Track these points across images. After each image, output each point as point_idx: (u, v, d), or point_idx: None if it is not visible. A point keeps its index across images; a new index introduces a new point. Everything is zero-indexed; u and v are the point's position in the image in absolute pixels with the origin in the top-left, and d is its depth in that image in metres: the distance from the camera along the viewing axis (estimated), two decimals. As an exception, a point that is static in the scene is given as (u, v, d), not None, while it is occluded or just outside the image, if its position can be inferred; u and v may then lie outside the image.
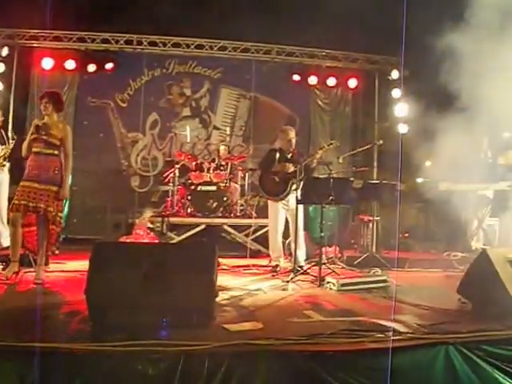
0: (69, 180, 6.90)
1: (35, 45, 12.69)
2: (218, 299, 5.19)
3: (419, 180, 15.74)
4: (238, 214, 10.90)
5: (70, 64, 12.75)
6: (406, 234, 12.57)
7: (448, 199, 11.01)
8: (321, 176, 8.29)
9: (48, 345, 3.77)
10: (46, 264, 7.01)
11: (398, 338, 4.30)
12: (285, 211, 8.21)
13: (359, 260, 8.74)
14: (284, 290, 6.68)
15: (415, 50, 13.44)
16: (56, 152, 6.66)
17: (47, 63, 12.60)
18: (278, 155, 8.20)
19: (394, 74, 13.65)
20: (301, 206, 7.90)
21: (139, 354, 3.67)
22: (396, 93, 13.65)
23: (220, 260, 9.05)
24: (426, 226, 13.76)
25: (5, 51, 12.28)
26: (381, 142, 10.06)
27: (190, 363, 3.63)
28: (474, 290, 5.43)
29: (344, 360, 3.95)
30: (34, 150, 6.60)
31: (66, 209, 12.33)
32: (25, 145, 6.67)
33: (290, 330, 4.51)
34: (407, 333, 4.45)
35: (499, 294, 5.07)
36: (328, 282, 6.76)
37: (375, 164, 13.44)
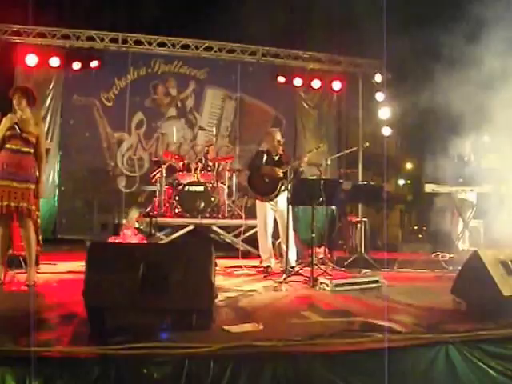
0: (44, 178, 6.70)
1: (18, 40, 12.55)
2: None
3: (403, 182, 15.90)
4: (226, 214, 10.84)
5: (55, 61, 12.61)
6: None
7: (433, 201, 11.11)
8: (311, 177, 8.29)
9: (48, 349, 3.69)
10: (36, 265, 6.89)
11: (398, 337, 4.30)
12: (273, 212, 8.18)
13: (349, 261, 8.74)
14: (277, 290, 6.64)
15: (398, 54, 13.66)
16: (32, 150, 6.40)
17: (31, 60, 12.49)
18: (265, 157, 8.17)
19: (378, 78, 13.73)
20: (290, 207, 7.84)
21: (143, 358, 3.60)
22: (379, 96, 13.72)
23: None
24: (412, 228, 13.86)
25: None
26: (367, 144, 10.10)
27: (195, 366, 3.56)
28: (468, 290, 5.44)
29: (346, 360, 3.91)
30: (9, 146, 6.27)
31: (54, 209, 12.38)
32: None
33: (290, 330, 4.47)
34: (407, 332, 4.44)
35: (492, 293, 5.09)
36: (321, 283, 6.73)
37: (360, 166, 13.45)
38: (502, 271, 5.28)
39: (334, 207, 10.54)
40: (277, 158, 8.24)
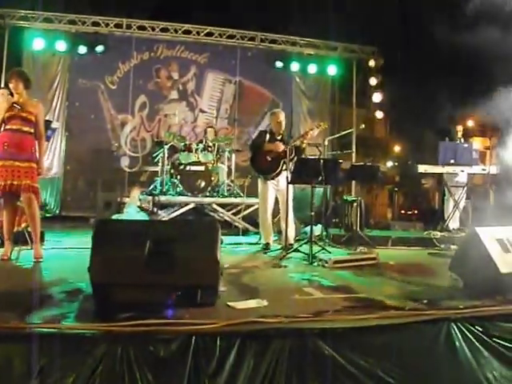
0: (44, 156, 6.57)
1: (25, 25, 12.26)
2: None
3: (391, 164, 15.67)
4: (225, 193, 10.62)
5: (61, 46, 12.31)
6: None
7: (421, 182, 10.93)
8: (311, 157, 8.06)
9: (54, 325, 3.45)
10: (42, 241, 6.65)
11: (401, 313, 4.07)
12: (275, 191, 7.93)
13: (345, 238, 8.50)
14: (277, 267, 6.39)
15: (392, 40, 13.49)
16: (32, 130, 6.15)
17: (38, 44, 12.22)
18: (268, 136, 7.92)
19: (371, 63, 13.55)
20: (290, 186, 7.61)
21: (150, 334, 3.37)
22: (373, 80, 13.55)
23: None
24: (403, 207, 13.71)
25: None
26: (363, 126, 9.84)
27: (202, 343, 3.33)
28: (465, 267, 5.18)
29: (352, 337, 3.69)
30: (9, 127, 6.03)
31: (59, 187, 12.21)
32: None
33: (294, 307, 4.24)
34: (410, 309, 4.21)
35: (490, 270, 4.86)
36: (320, 260, 6.49)
37: (354, 147, 13.22)
38: (499, 249, 5.06)
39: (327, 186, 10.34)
40: (279, 138, 7.97)
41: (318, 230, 8.57)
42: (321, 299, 4.61)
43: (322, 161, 7.08)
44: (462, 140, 10.09)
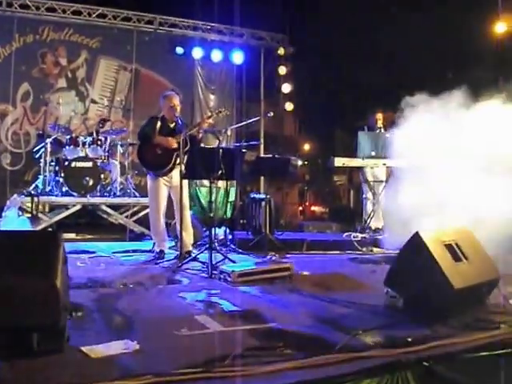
0: None
1: None
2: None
3: (300, 162, 14.63)
4: (118, 193, 9.16)
5: None
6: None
7: (339, 178, 9.88)
8: (209, 146, 6.74)
9: None
10: None
11: (331, 359, 2.80)
12: (167, 188, 6.53)
13: (253, 243, 7.20)
14: (170, 283, 5.02)
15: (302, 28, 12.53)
16: None
17: None
18: (159, 124, 6.51)
19: (280, 51, 12.50)
20: (185, 182, 6.33)
21: None
22: (282, 69, 12.48)
23: (97, 244, 7.47)
24: (317, 206, 12.71)
25: None
26: (271, 113, 8.62)
27: None
28: (407, 282, 3.96)
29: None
30: None
31: None
32: None
33: (178, 351, 2.91)
34: (341, 350, 2.94)
35: (439, 286, 3.73)
36: (222, 272, 5.15)
37: (262, 139, 12.05)
38: (449, 257, 3.89)
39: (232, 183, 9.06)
40: (172, 125, 6.59)
41: (221, 233, 7.28)
42: (218, 335, 3.27)
43: (221, 150, 5.76)
44: (383, 130, 8.99)
